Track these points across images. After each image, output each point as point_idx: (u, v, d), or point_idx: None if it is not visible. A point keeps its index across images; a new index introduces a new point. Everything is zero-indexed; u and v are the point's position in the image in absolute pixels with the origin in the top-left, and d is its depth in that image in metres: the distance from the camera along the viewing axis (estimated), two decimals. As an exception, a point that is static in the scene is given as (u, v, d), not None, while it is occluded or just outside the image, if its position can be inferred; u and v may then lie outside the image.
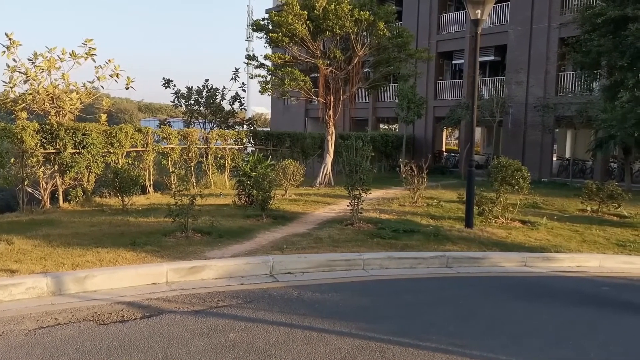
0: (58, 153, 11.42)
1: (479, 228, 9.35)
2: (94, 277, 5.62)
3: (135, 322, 4.65)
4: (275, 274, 6.46)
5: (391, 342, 4.30)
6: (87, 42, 13.23)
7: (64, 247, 6.81)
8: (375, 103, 29.94)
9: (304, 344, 4.24)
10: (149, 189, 13.78)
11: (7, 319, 4.65)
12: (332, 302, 5.47)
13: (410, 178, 12.51)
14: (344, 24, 14.63)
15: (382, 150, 23.28)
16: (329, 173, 16.70)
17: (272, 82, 16.39)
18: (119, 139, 12.70)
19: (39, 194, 11.45)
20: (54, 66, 12.89)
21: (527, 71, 22.82)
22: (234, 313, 4.97)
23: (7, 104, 12.85)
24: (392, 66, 16.96)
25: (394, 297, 5.76)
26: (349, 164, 9.24)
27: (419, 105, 22.23)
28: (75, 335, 4.31)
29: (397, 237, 8.29)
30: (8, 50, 12.33)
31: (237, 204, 11.27)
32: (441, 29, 26.82)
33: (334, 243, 7.75)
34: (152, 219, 9.21)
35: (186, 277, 6.05)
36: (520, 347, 4.34)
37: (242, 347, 4.14)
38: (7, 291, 5.18)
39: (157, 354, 3.97)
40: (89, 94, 13.67)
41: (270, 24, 15.73)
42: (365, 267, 6.91)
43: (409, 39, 16.35)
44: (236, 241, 7.66)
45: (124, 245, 7.02)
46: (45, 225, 8.57)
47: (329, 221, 9.63)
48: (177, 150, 14.77)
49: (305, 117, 33.97)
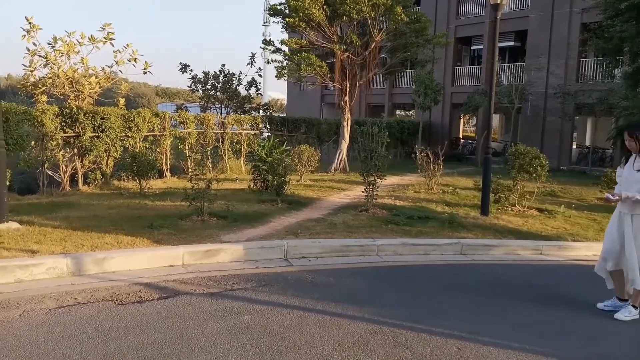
0: (77, 136, 11.58)
1: (494, 216, 9.30)
2: (112, 258, 5.74)
3: (152, 303, 4.75)
4: (290, 258, 6.52)
5: (404, 327, 4.34)
6: (106, 27, 13.33)
7: (83, 229, 6.94)
8: (392, 89, 29.74)
9: (318, 327, 4.29)
10: (166, 173, 13.93)
11: (28, 298, 4.77)
12: (345, 287, 5.51)
13: (426, 165, 12.46)
14: (361, 8, 14.50)
15: (398, 137, 23.16)
16: (344, 159, 16.69)
17: (289, 67, 16.37)
18: (137, 123, 12.83)
19: (59, 176, 11.65)
20: (73, 50, 13.02)
21: (548, 57, 22.44)
22: (249, 296, 5.04)
23: (27, 88, 13.04)
24: (409, 52, 16.79)
25: (407, 283, 5.79)
26: (364, 150, 9.23)
27: (436, 91, 22.03)
28: (94, 314, 4.42)
29: (411, 224, 8.29)
30: (28, 34, 12.48)
31: (253, 188, 11.34)
32: (460, 14, 26.42)
33: (348, 229, 7.78)
34: (169, 203, 9.32)
35: (202, 260, 6.14)
36: (532, 335, 4.34)
37: (256, 329, 4.21)
38: (28, 271, 5.32)
39: (174, 334, 4.05)
40: (108, 78, 13.80)
41: (287, 8, 15.65)
42: (379, 253, 6.94)
43: (426, 24, 16.16)
44: (251, 225, 7.73)
45: (141, 227, 7.14)
46: (64, 207, 8.73)
47: (344, 207, 9.66)
48: (193, 134, 14.88)
49: (321, 103, 33.90)
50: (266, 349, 3.84)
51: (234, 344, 3.90)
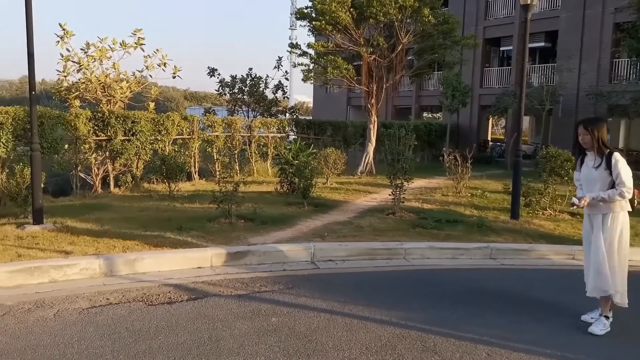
0: (109, 140, 11.84)
1: (525, 220, 9.14)
2: (142, 259, 5.84)
3: (181, 304, 4.82)
4: (316, 260, 6.53)
5: (432, 332, 4.29)
6: (137, 32, 13.60)
7: (114, 231, 7.09)
8: (419, 91, 29.52)
9: (345, 330, 4.28)
10: (194, 176, 14.12)
11: (62, 298, 4.89)
12: (372, 290, 5.49)
13: (454, 168, 12.32)
14: (388, 10, 14.45)
15: (425, 139, 22.97)
16: (370, 162, 16.64)
17: (315, 70, 16.41)
18: (166, 126, 13.04)
19: (91, 179, 11.93)
20: (105, 56, 13.31)
21: (579, 58, 21.97)
22: (276, 298, 5.06)
23: (61, 92, 13.38)
24: (436, 53, 16.66)
25: (435, 287, 5.73)
26: (391, 152, 9.18)
27: (464, 93, 21.78)
28: (125, 315, 4.50)
29: (439, 227, 8.21)
30: (62, 40, 12.81)
31: (279, 191, 11.40)
32: (489, 15, 26.10)
33: (375, 232, 7.75)
34: (197, 205, 9.44)
35: (230, 262, 6.20)
36: (565, 341, 4.25)
37: (283, 331, 4.22)
38: (62, 271, 5.45)
39: (203, 335, 4.10)
40: (138, 82, 14.06)
41: (313, 11, 15.71)
42: (407, 256, 6.89)
43: (454, 26, 16.01)
44: (278, 228, 7.76)
45: (170, 229, 7.24)
46: (97, 209, 8.93)
47: (370, 210, 9.63)
48: (221, 138, 15.04)
49: (348, 106, 33.87)
50: (294, 352, 3.85)
51: (262, 346, 3.92)
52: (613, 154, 4.51)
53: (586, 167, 4.68)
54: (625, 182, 4.41)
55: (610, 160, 4.48)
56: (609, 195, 4.45)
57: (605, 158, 4.51)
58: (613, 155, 4.50)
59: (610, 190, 4.46)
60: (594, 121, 4.68)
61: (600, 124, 4.60)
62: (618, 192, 4.43)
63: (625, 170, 4.45)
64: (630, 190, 4.42)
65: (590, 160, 4.63)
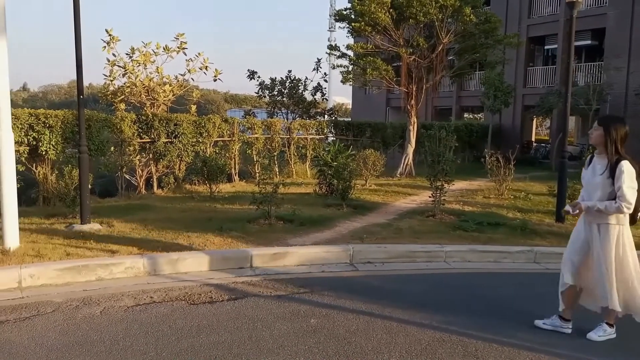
0: (152, 142, 12.15)
1: (571, 223, 8.85)
2: (185, 259, 5.96)
3: (222, 303, 4.89)
4: (355, 262, 6.51)
5: (473, 337, 4.21)
6: (179, 37, 13.92)
7: (158, 231, 7.26)
8: (460, 91, 29.06)
9: (384, 333, 4.25)
10: (234, 177, 14.33)
11: (108, 296, 5.05)
12: (412, 293, 5.43)
13: (496, 169, 12.06)
14: (428, 10, 14.29)
15: (466, 140, 22.56)
16: (410, 163, 16.48)
17: (354, 72, 16.38)
18: (207, 129, 13.28)
19: (135, 180, 12.26)
20: (149, 60, 13.68)
21: (628, 56, 21.12)
22: (315, 299, 5.07)
23: (107, 96, 13.82)
24: (478, 53, 16.36)
25: (476, 291, 5.62)
26: (431, 154, 9.07)
27: (506, 93, 21.30)
28: (168, 313, 4.61)
29: (480, 230, 8.06)
30: (108, 46, 13.23)
31: (318, 193, 11.42)
32: (532, 13, 25.43)
33: (414, 234, 7.67)
34: (237, 206, 9.57)
35: (269, 262, 6.25)
36: (610, 348, 4.09)
37: (322, 332, 4.23)
38: (108, 270, 5.63)
39: (243, 334, 4.15)
40: (181, 86, 14.39)
41: (352, 13, 15.69)
42: (447, 259, 6.79)
43: (497, 24, 15.69)
44: (317, 229, 7.78)
45: (211, 230, 7.37)
46: (141, 209, 9.17)
47: (410, 212, 9.54)
48: (261, 140, 15.20)
49: (387, 107, 33.66)
50: (333, 353, 3.85)
51: (301, 347, 3.94)
52: (621, 162, 4.03)
53: (592, 169, 4.26)
54: (627, 197, 3.97)
55: (615, 169, 4.03)
56: (606, 207, 4.05)
57: (611, 165, 4.07)
58: (620, 163, 4.02)
59: (608, 202, 4.06)
60: (613, 120, 4.25)
61: (620, 125, 4.13)
62: (616, 205, 4.01)
63: (629, 183, 4.00)
64: (630, 206, 3.99)
65: (598, 163, 4.20)
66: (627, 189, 3.98)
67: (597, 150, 4.25)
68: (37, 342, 3.96)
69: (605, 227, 4.13)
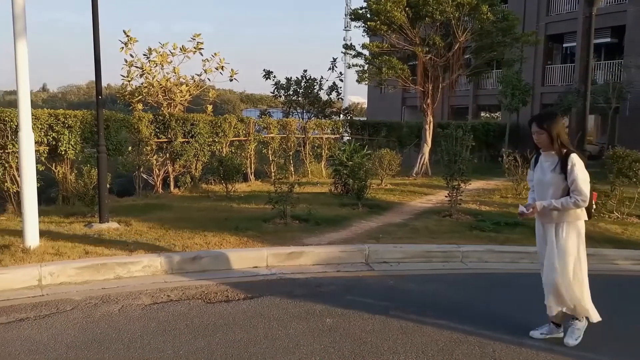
0: (169, 142, 12.24)
1: (590, 223, 8.65)
2: (201, 258, 6.01)
3: (238, 302, 4.91)
4: (371, 262, 6.49)
5: (490, 338, 4.18)
6: (196, 37, 14.01)
7: (175, 230, 7.32)
8: (477, 90, 28.81)
9: (400, 333, 4.24)
10: (250, 177, 14.38)
11: (126, 294, 5.10)
12: (428, 294, 5.40)
13: (514, 169, 11.94)
14: (445, 9, 14.18)
15: (482, 140, 22.33)
16: (426, 163, 16.38)
17: (370, 71, 16.33)
18: (224, 128, 13.35)
19: (152, 179, 12.36)
20: (166, 60, 13.79)
21: (649, 53, 20.76)
22: (331, 299, 5.07)
23: (125, 96, 13.96)
24: (495, 51, 16.18)
25: (493, 292, 5.57)
26: (447, 153, 9.00)
27: (524, 92, 21.06)
28: (185, 311, 4.64)
29: (498, 230, 7.98)
30: (126, 47, 13.35)
31: (334, 192, 11.41)
32: (550, 11, 25.13)
33: (430, 234, 7.63)
34: (253, 206, 9.61)
35: (285, 262, 6.27)
36: (626, 350, 4.02)
37: (338, 332, 4.23)
38: (126, 268, 5.69)
39: (259, 333, 4.17)
40: (197, 86, 14.48)
41: (368, 12, 15.64)
42: (464, 259, 6.74)
43: (514, 22, 15.51)
44: (332, 229, 7.78)
45: (227, 229, 7.40)
46: (158, 209, 9.25)
47: (426, 212, 9.48)
48: (276, 139, 15.23)
49: (402, 106, 33.51)
50: (349, 353, 3.84)
51: (317, 346, 3.94)
52: (570, 156, 3.94)
53: (540, 168, 4.14)
54: (582, 190, 3.89)
55: (566, 163, 3.94)
56: (562, 204, 3.94)
57: (561, 160, 3.97)
58: (570, 157, 3.93)
59: (563, 199, 3.95)
60: (548, 117, 4.10)
61: (557, 120, 4.05)
62: (572, 200, 3.92)
63: (582, 176, 3.91)
64: (586, 199, 3.91)
65: (546, 161, 4.09)
66: (581, 182, 3.90)
67: (542, 149, 4.13)
68: (56, 339, 4.02)
69: (564, 225, 4.04)
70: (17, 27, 5.95)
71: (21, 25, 5.97)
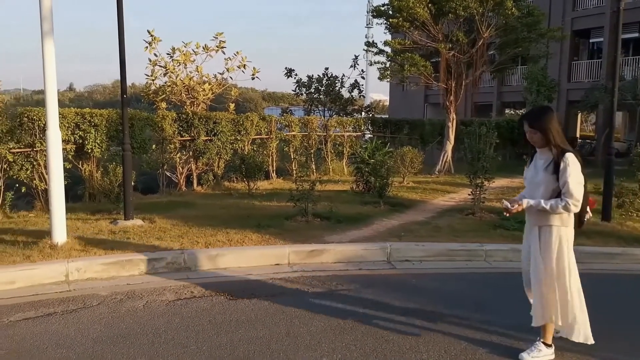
0: (192, 140, 12.37)
1: (618, 222, 8.55)
2: (224, 255, 6.06)
3: (260, 299, 4.94)
4: (393, 261, 6.46)
5: (514, 338, 4.13)
6: (218, 36, 14.13)
7: (198, 227, 7.40)
8: (501, 87, 28.45)
9: (422, 331, 4.21)
10: (272, 175, 14.45)
11: (150, 290, 5.18)
12: (451, 292, 5.36)
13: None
14: (468, 4, 14.02)
15: (507, 137, 21.99)
16: (448, 160, 16.24)
17: (392, 68, 16.24)
18: (246, 126, 13.43)
19: (176, 177, 12.52)
20: (189, 59, 13.95)
21: (680, 48, 20.22)
22: (352, 297, 5.07)
23: (149, 95, 14.17)
24: (520, 47, 15.93)
25: (517, 291, 5.46)
26: (471, 151, 8.91)
27: (550, 88, 20.73)
28: (208, 308, 4.69)
29: (522, 229, 7.81)
30: (150, 46, 13.55)
31: (355, 190, 11.39)
32: (577, 5, 24.64)
33: (453, 232, 7.56)
34: (274, 203, 9.65)
35: (306, 259, 6.28)
36: (664, 354, 3.94)
37: (360, 330, 4.22)
38: (150, 265, 5.77)
39: (281, 330, 4.19)
40: (219, 84, 14.62)
41: (390, 9, 15.55)
42: (487, 258, 6.66)
43: (540, 18, 15.26)
44: (354, 227, 7.77)
45: (250, 227, 7.45)
46: (181, 206, 9.36)
47: (449, 210, 9.40)
48: (298, 137, 15.28)
49: (425, 103, 33.26)
50: (370, 351, 3.84)
51: (338, 344, 3.94)
52: (565, 155, 3.59)
53: (534, 166, 3.83)
54: (574, 193, 3.55)
55: (559, 163, 3.61)
56: (551, 206, 3.62)
57: (554, 159, 3.64)
58: (565, 156, 3.59)
59: (553, 200, 3.63)
60: (540, 114, 3.73)
61: (549, 117, 3.68)
62: (562, 203, 3.58)
63: (576, 177, 3.57)
64: (577, 203, 3.58)
65: (540, 159, 3.77)
66: (574, 184, 3.57)
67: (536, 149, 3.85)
68: (83, 333, 4.10)
69: (547, 229, 3.75)
70: (45, 28, 6.08)
71: (48, 26, 6.09)
